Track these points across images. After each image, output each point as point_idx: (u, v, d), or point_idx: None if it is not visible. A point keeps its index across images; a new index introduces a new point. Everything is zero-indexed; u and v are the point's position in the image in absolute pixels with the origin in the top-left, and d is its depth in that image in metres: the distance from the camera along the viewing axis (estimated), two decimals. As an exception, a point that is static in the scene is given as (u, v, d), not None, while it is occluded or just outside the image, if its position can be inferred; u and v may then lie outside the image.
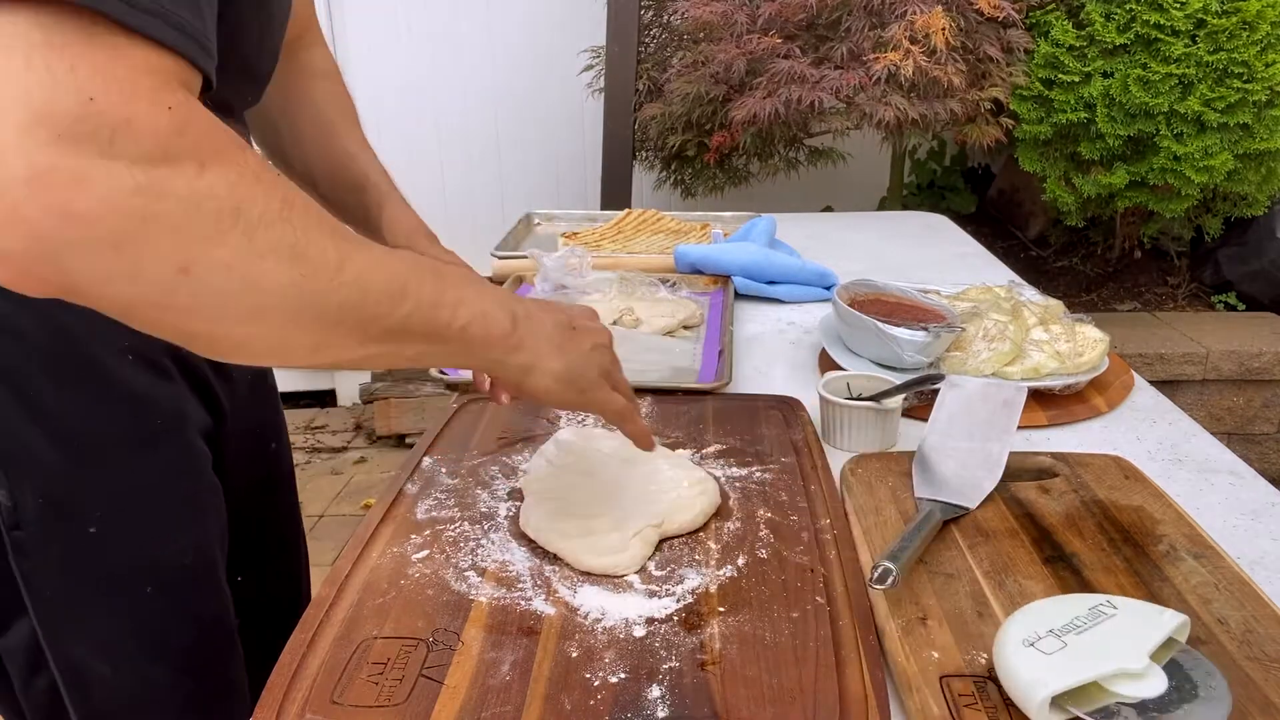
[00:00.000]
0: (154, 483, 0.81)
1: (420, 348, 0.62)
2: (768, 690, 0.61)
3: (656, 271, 1.54)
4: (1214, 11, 2.40)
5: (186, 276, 0.48)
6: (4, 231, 0.44)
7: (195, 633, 0.86)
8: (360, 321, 0.57)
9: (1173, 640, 0.61)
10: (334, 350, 0.57)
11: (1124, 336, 2.70)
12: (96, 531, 0.78)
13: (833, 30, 2.49)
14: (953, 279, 1.47)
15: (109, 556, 0.80)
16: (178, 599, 0.84)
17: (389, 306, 0.58)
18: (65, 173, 0.44)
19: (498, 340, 0.65)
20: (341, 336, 0.57)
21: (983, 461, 0.89)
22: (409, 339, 0.60)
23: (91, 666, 0.82)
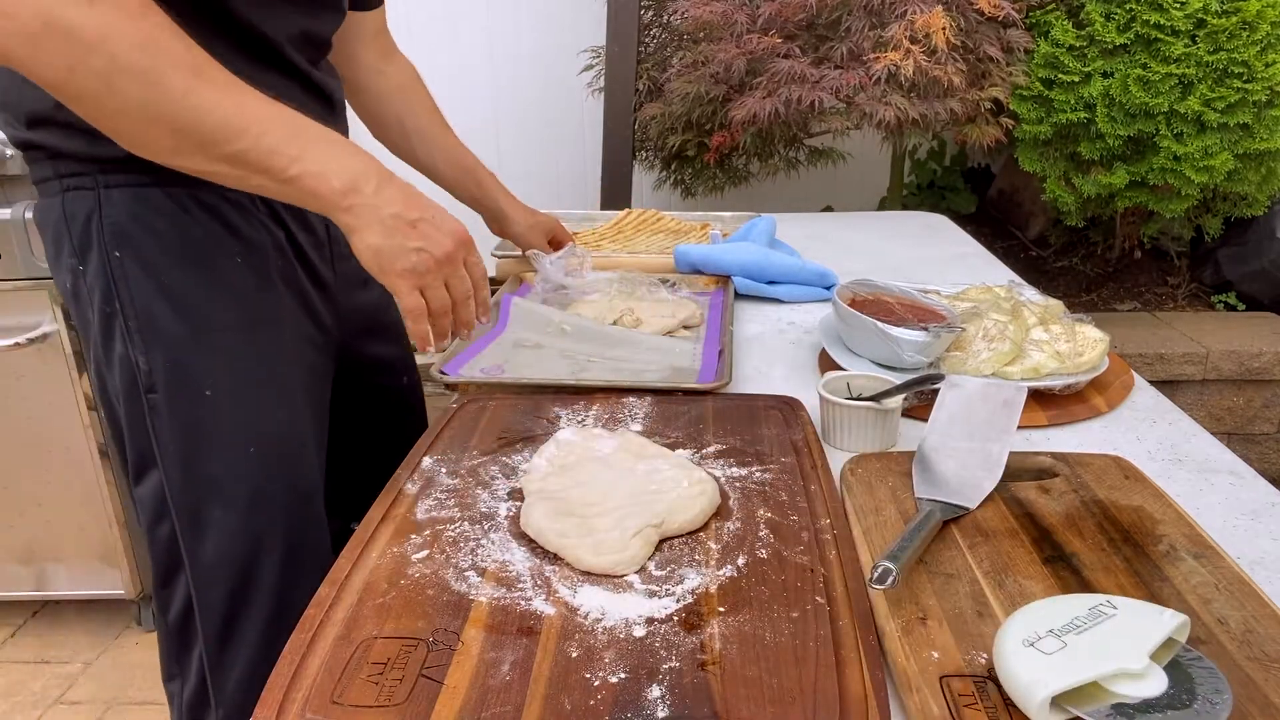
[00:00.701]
0: (254, 363, 0.97)
1: (262, 180, 0.80)
2: (768, 690, 0.61)
3: (656, 271, 1.54)
4: (1214, 11, 2.40)
5: (72, 73, 0.72)
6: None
7: (287, 498, 1.00)
8: (202, 142, 0.76)
9: (1173, 640, 0.61)
10: (188, 157, 0.78)
11: (1124, 336, 2.70)
12: (211, 395, 0.95)
13: (833, 30, 2.49)
14: (953, 279, 1.47)
15: (220, 417, 0.95)
16: (274, 464, 0.98)
17: (224, 136, 0.76)
18: None
19: (326, 196, 0.81)
20: (191, 149, 0.77)
21: (983, 461, 0.89)
22: (250, 170, 0.79)
23: (203, 512, 0.96)
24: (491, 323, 0.97)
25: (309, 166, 0.79)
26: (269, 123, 0.78)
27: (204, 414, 0.95)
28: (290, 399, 1.01)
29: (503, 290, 1.46)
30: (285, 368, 1.00)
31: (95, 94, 0.73)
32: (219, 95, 0.76)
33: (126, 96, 0.73)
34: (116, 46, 0.72)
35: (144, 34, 0.73)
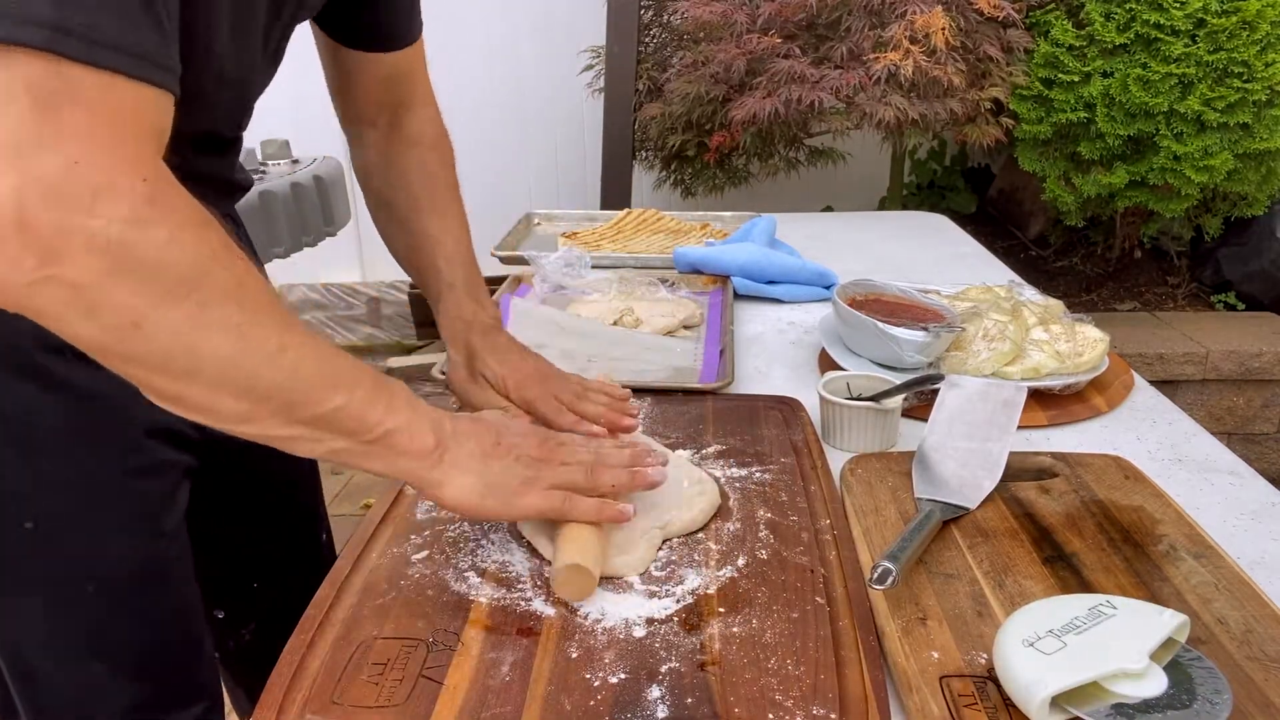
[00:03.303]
0: (95, 480, 0.80)
1: (344, 443, 0.66)
2: (767, 691, 0.61)
3: (656, 271, 1.54)
4: (1214, 11, 2.40)
5: (136, 330, 0.55)
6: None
7: (147, 635, 0.85)
8: (287, 404, 0.62)
9: (1173, 640, 0.61)
10: (261, 424, 0.62)
11: (1124, 336, 2.70)
12: (34, 528, 0.78)
13: (833, 30, 2.49)
14: (953, 279, 1.47)
15: (47, 554, 0.79)
16: (125, 600, 0.83)
17: (318, 396, 0.63)
18: (50, 226, 0.51)
19: (418, 453, 0.69)
20: (269, 413, 0.62)
21: (983, 461, 0.89)
22: (333, 431, 0.65)
23: (34, 662, 0.82)
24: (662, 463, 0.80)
25: (398, 422, 0.68)
26: (357, 376, 0.66)
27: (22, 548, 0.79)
28: (148, 518, 0.84)
29: (502, 290, 1.46)
30: (135, 480, 0.83)
31: (165, 354, 0.57)
32: (307, 348, 0.63)
33: (206, 355, 0.57)
34: (208, 293, 0.56)
35: (236, 276, 0.58)
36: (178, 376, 0.58)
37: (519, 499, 0.72)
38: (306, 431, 0.64)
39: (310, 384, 0.63)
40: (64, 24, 0.50)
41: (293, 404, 0.62)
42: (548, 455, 0.75)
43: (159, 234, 0.54)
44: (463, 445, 0.71)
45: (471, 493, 0.70)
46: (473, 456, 0.71)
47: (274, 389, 0.61)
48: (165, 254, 0.54)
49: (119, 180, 0.52)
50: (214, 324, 0.57)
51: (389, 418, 0.67)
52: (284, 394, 0.62)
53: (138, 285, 0.54)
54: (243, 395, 0.60)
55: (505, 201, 3.55)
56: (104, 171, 0.52)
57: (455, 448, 0.71)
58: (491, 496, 0.71)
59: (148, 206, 0.54)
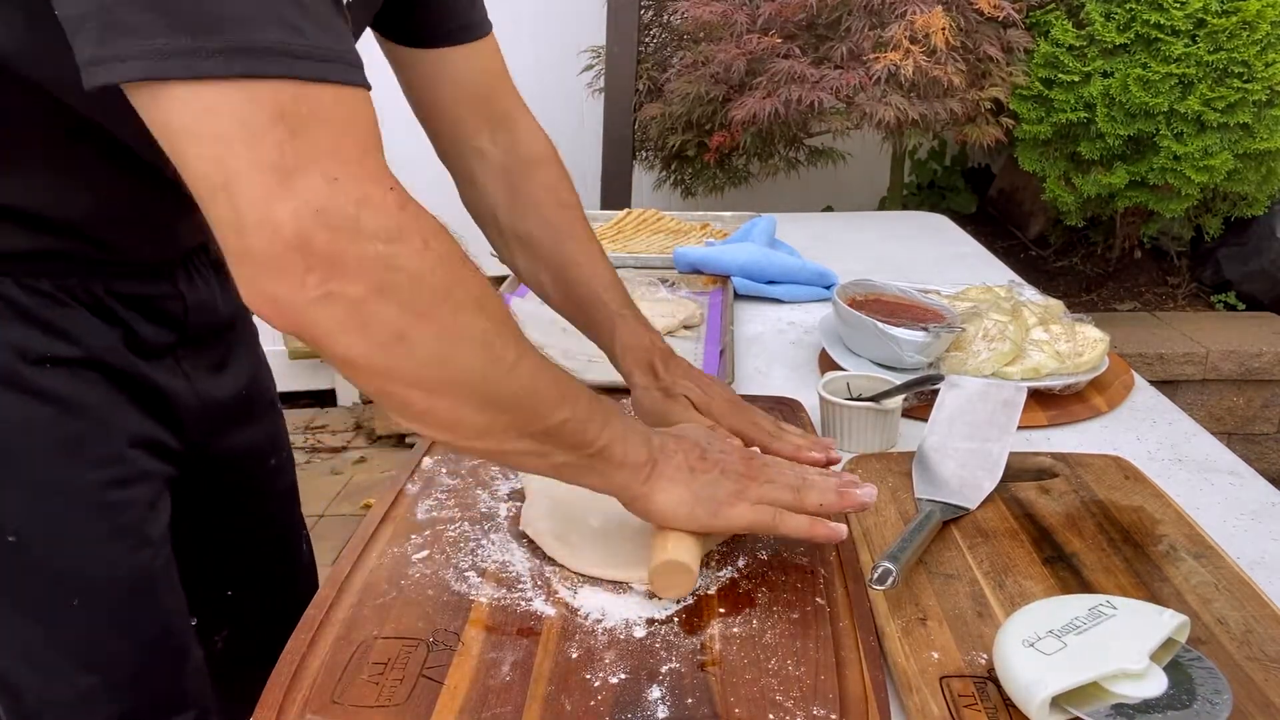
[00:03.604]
0: (77, 491, 0.78)
1: (566, 457, 0.67)
2: (768, 691, 0.61)
3: (656, 271, 1.54)
4: (1214, 11, 2.40)
5: (401, 342, 0.56)
6: (273, 283, 0.53)
7: (132, 647, 0.84)
8: (524, 417, 0.63)
9: (1173, 641, 0.61)
10: (498, 437, 0.63)
11: (1124, 336, 2.70)
12: (16, 542, 0.76)
13: (833, 30, 2.49)
14: (953, 279, 1.47)
15: (29, 566, 0.78)
16: (109, 613, 0.82)
17: (549, 409, 0.64)
18: (325, 243, 0.52)
19: (633, 466, 0.70)
20: (505, 426, 0.63)
21: (983, 462, 0.89)
22: (559, 445, 0.66)
23: (19, 675, 0.81)
24: None
25: (614, 435, 0.68)
26: (578, 390, 0.67)
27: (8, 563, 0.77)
28: (131, 530, 0.82)
29: (502, 290, 1.46)
30: (116, 491, 0.81)
31: (425, 367, 0.57)
32: (536, 359, 0.64)
33: (460, 366, 0.59)
34: (460, 303, 0.58)
35: (478, 284, 0.59)
36: (431, 390, 0.59)
37: (728, 509, 0.71)
38: (536, 446, 0.65)
39: (542, 397, 0.64)
40: (292, 48, 0.52)
41: (527, 417, 0.63)
42: (754, 472, 0.74)
43: (416, 242, 0.56)
44: (671, 459, 0.72)
45: (681, 504, 0.71)
46: (680, 469, 0.72)
47: (513, 401, 0.62)
48: (422, 263, 0.56)
49: (373, 191, 0.54)
50: (464, 333, 0.59)
51: (605, 432, 0.68)
52: (520, 407, 0.63)
53: (404, 296, 0.55)
54: (486, 407, 0.61)
55: (505, 201, 3.56)
56: (359, 184, 0.54)
57: (664, 461, 0.71)
58: (700, 507, 0.71)
59: (400, 214, 0.55)
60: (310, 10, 0.53)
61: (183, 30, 0.50)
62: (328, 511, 2.78)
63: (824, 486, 0.74)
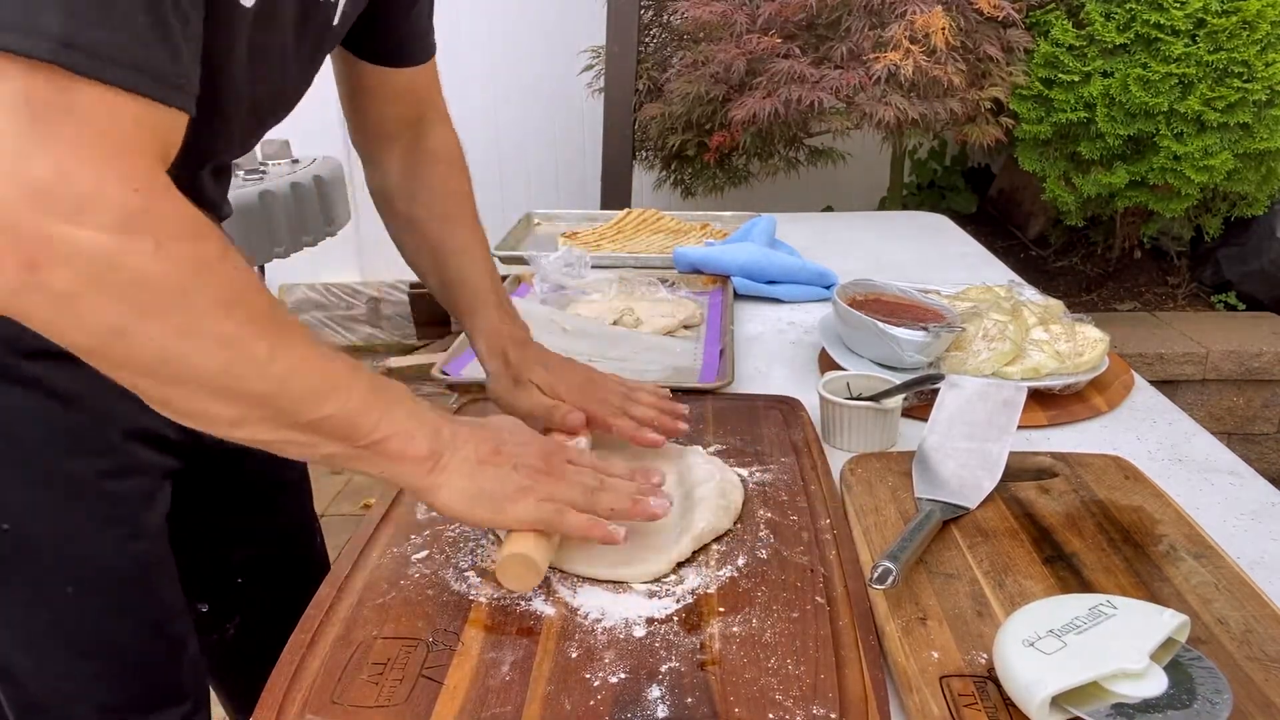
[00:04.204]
0: (72, 481, 0.79)
1: (335, 448, 0.66)
2: (767, 690, 0.61)
3: (656, 271, 1.54)
4: (1214, 11, 2.40)
5: (120, 338, 0.55)
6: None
7: (128, 636, 0.85)
8: (278, 410, 0.62)
9: (1173, 640, 0.61)
10: (253, 428, 0.62)
11: (1124, 336, 2.70)
12: (10, 529, 0.78)
13: (833, 30, 2.49)
14: (953, 279, 1.47)
15: (25, 554, 0.79)
16: (105, 602, 0.83)
17: (312, 404, 0.63)
18: (35, 232, 0.51)
19: (414, 459, 0.69)
20: (259, 419, 0.62)
21: (982, 461, 0.89)
22: (325, 436, 0.65)
23: (18, 662, 0.83)
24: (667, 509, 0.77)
25: (395, 428, 0.68)
26: (352, 382, 0.66)
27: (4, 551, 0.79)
28: (128, 519, 0.83)
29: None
30: (113, 481, 0.82)
31: (151, 361, 0.57)
32: (301, 355, 0.63)
33: (192, 364, 0.58)
34: (196, 305, 0.57)
35: (230, 286, 0.59)
36: (165, 381, 0.59)
37: (511, 506, 0.71)
38: (299, 436, 0.64)
39: (303, 392, 0.63)
40: (70, 38, 0.50)
41: (284, 410, 0.63)
42: (550, 468, 0.75)
43: (145, 245, 0.54)
44: (459, 451, 0.71)
45: (462, 497, 0.70)
46: (468, 462, 0.71)
47: (265, 396, 0.61)
48: (151, 265, 0.54)
49: (108, 190, 0.53)
50: (203, 334, 0.57)
51: (384, 424, 0.67)
52: (275, 401, 0.62)
53: (121, 295, 0.54)
54: (233, 401, 0.60)
55: (505, 201, 3.56)
56: (93, 181, 0.52)
57: (451, 454, 0.70)
58: (482, 503, 0.71)
59: (136, 217, 0.54)
60: (115, 10, 0.52)
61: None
62: (328, 511, 2.79)
63: (620, 491, 0.75)
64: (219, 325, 0.58)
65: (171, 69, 0.55)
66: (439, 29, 1.00)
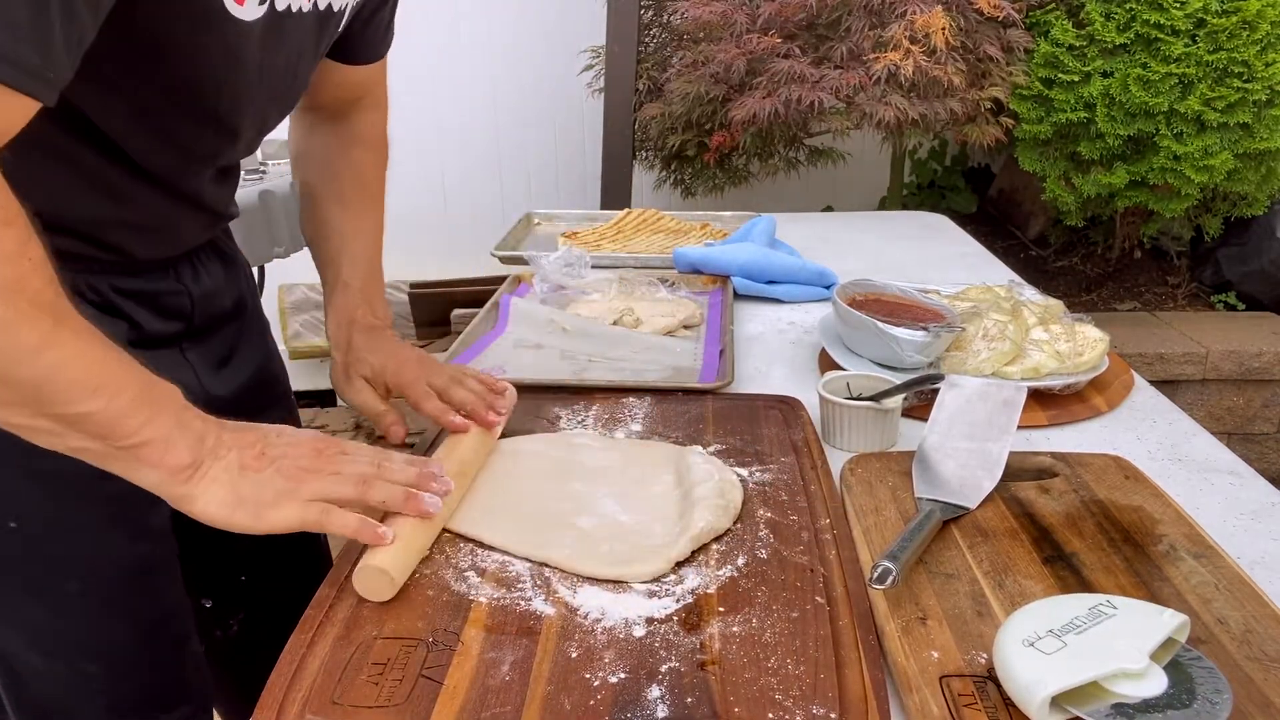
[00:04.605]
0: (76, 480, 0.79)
1: (87, 444, 0.66)
2: (767, 690, 0.61)
3: (656, 271, 1.54)
4: (1214, 11, 2.40)
5: None
6: None
7: (131, 635, 0.85)
8: (38, 399, 0.62)
9: (1173, 640, 0.61)
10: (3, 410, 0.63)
11: (1124, 336, 2.70)
12: (17, 527, 0.78)
13: (833, 30, 2.49)
14: (953, 279, 1.47)
15: (30, 553, 0.80)
16: (108, 600, 0.83)
17: (75, 398, 0.63)
18: None
19: (168, 468, 0.68)
20: (14, 402, 0.63)
21: (982, 461, 0.89)
22: (79, 431, 0.65)
23: (22, 658, 0.83)
24: None
25: (155, 434, 0.67)
26: (123, 384, 0.66)
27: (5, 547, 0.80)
28: (131, 518, 0.84)
29: (502, 290, 1.46)
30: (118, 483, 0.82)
31: None
32: (73, 351, 0.63)
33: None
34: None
35: (13, 274, 0.60)
36: None
37: (271, 511, 0.70)
38: (51, 425, 0.64)
39: (68, 385, 0.63)
40: None
41: (42, 400, 0.63)
42: (319, 466, 0.73)
43: None
44: (221, 458, 0.70)
45: (221, 506, 0.69)
46: (229, 469, 0.70)
47: (24, 383, 0.62)
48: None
49: None
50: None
51: (146, 429, 0.66)
52: (35, 390, 0.62)
53: None
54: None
55: (505, 201, 3.56)
56: None
57: (213, 461, 0.69)
58: (241, 509, 0.69)
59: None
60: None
61: None
62: (328, 511, 2.78)
63: (396, 482, 0.75)
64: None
65: (33, 60, 0.57)
66: (439, 29, 1.01)
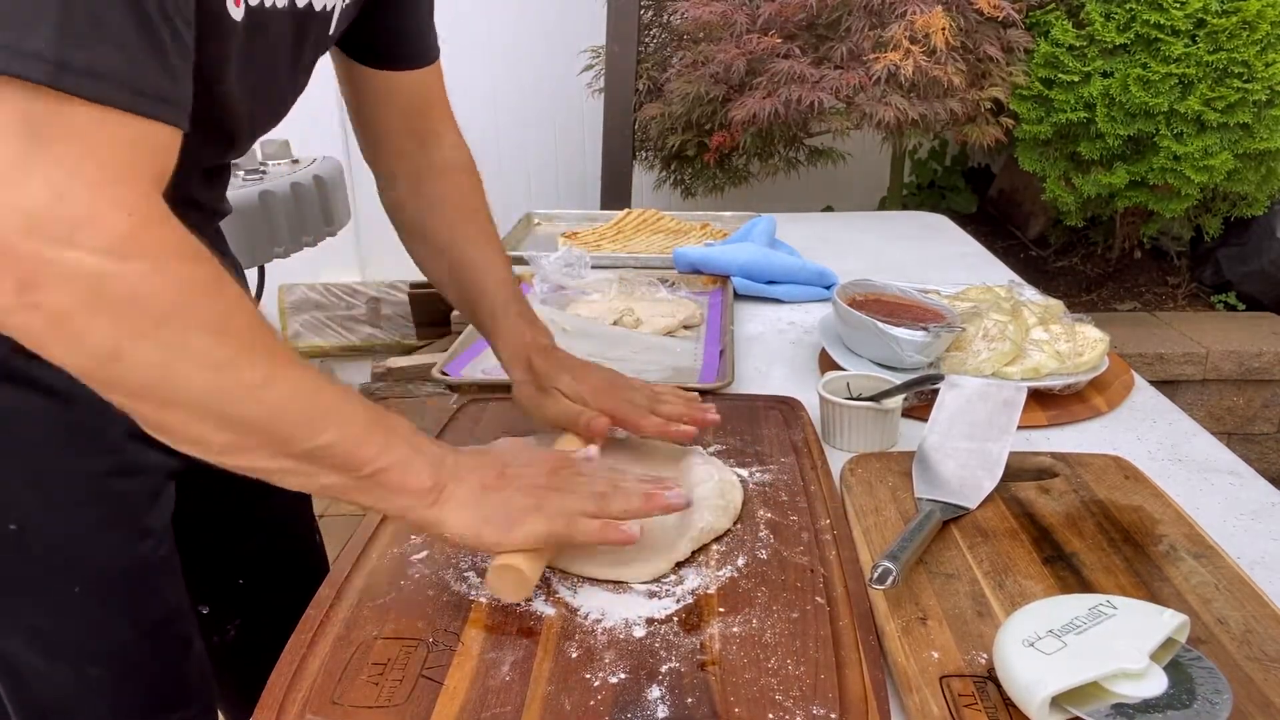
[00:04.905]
0: (77, 481, 0.79)
1: (334, 479, 0.65)
2: (767, 690, 0.61)
3: (656, 271, 1.54)
4: (1214, 11, 2.40)
5: (115, 361, 0.55)
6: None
7: (133, 636, 0.85)
8: (275, 438, 0.62)
9: (1173, 640, 0.61)
10: (247, 456, 0.62)
11: (1124, 336, 2.70)
12: (16, 529, 0.78)
13: (833, 30, 2.49)
14: (953, 279, 1.47)
15: (31, 555, 0.79)
16: (110, 602, 0.83)
17: (309, 432, 0.62)
18: (29, 255, 0.51)
19: (413, 492, 0.68)
20: (255, 446, 0.62)
21: (983, 461, 0.89)
22: (323, 466, 0.64)
23: (24, 660, 0.82)
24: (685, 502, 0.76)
25: (393, 460, 0.67)
26: (351, 412, 0.66)
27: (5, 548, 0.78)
28: (133, 519, 0.83)
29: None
30: (118, 481, 0.82)
31: (144, 383, 0.57)
32: (297, 383, 0.63)
33: (186, 387, 0.58)
34: (188, 327, 0.57)
35: (222, 309, 0.59)
36: (159, 405, 0.59)
37: (518, 526, 0.70)
38: (296, 465, 0.64)
39: (298, 419, 0.62)
40: (64, 58, 0.50)
41: (280, 439, 0.62)
42: (558, 484, 0.73)
43: (138, 267, 0.54)
44: (463, 481, 0.70)
45: (469, 527, 0.69)
46: (472, 491, 0.70)
47: (258, 423, 0.61)
48: (143, 287, 0.54)
49: (102, 213, 0.53)
50: (193, 357, 0.57)
51: (384, 455, 0.66)
52: (269, 428, 0.61)
53: (115, 317, 0.54)
54: (226, 427, 0.60)
55: (505, 201, 3.55)
56: (86, 205, 0.52)
57: (455, 484, 0.69)
58: (488, 526, 0.70)
59: (129, 240, 0.54)
60: (107, 27, 0.52)
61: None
62: (328, 511, 2.78)
63: (631, 492, 0.74)
64: (210, 349, 0.58)
65: (164, 85, 0.55)
66: (439, 29, 0.99)
